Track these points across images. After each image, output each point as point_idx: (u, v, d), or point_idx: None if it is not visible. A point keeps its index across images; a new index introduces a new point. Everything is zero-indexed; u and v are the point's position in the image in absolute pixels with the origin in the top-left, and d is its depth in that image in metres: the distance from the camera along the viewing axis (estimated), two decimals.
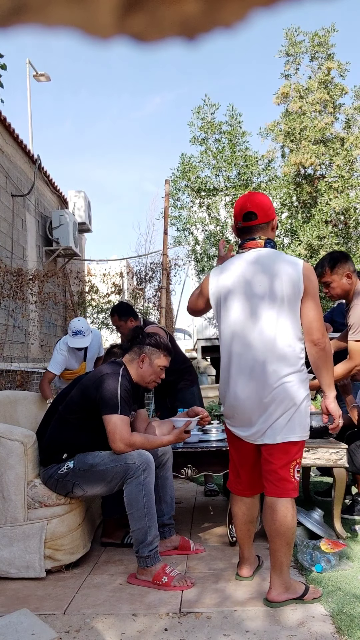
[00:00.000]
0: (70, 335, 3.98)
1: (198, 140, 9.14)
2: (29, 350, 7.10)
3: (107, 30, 0.33)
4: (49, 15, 0.32)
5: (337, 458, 2.85)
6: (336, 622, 1.96)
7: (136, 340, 2.68)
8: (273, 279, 2.09)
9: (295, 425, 2.09)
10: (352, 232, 9.09)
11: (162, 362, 2.65)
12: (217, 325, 2.29)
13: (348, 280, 2.85)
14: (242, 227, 2.24)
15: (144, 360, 2.62)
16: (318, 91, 9.08)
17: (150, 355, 2.63)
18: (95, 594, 2.31)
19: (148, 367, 2.62)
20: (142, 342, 2.66)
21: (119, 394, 2.44)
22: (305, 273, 2.09)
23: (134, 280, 9.98)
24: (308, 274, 2.10)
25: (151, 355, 2.63)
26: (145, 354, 2.62)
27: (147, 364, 2.62)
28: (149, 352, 2.63)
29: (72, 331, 3.97)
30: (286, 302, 2.08)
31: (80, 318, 4.21)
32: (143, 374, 2.62)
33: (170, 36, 0.33)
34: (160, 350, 2.65)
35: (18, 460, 2.51)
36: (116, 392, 2.44)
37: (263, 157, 9.22)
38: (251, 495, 2.33)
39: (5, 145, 6.77)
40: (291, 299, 2.09)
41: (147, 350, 2.63)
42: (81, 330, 3.96)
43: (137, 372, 2.62)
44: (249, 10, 0.32)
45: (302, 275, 2.08)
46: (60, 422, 2.60)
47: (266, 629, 1.94)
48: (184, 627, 1.98)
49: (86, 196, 9.13)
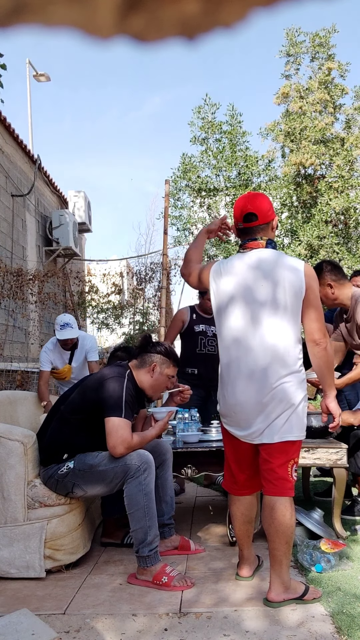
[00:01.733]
0: (57, 329, 4.02)
1: (198, 140, 9.15)
2: (29, 350, 7.10)
3: (107, 30, 0.33)
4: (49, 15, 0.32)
5: (337, 458, 2.85)
6: (336, 622, 1.96)
7: (146, 348, 2.68)
8: (275, 287, 2.11)
9: (293, 425, 2.11)
10: (352, 232, 9.10)
11: (171, 372, 2.65)
12: (216, 326, 2.29)
13: (330, 289, 2.92)
14: (242, 228, 2.24)
15: (154, 369, 2.60)
16: (318, 91, 9.09)
17: (161, 364, 2.62)
18: (95, 594, 2.31)
19: (158, 376, 2.61)
20: (152, 350, 2.65)
21: (124, 398, 2.43)
22: (307, 276, 2.12)
23: (134, 280, 9.99)
24: (309, 277, 2.13)
25: (161, 365, 2.62)
26: (155, 363, 2.61)
27: (157, 373, 2.61)
28: (160, 362, 2.62)
29: (59, 325, 4.01)
30: (289, 309, 2.10)
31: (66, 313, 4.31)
32: (152, 383, 2.61)
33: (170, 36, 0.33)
34: (170, 360, 2.64)
35: (18, 460, 2.51)
36: (121, 396, 2.43)
37: (263, 157, 9.22)
38: (248, 495, 2.33)
39: (5, 145, 6.77)
40: (293, 307, 2.11)
41: (157, 360, 2.62)
42: (68, 323, 4.01)
43: (145, 380, 2.61)
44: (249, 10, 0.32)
45: (303, 280, 2.11)
46: (61, 422, 2.60)
47: (266, 629, 1.94)
48: (183, 627, 1.98)
49: (86, 196, 9.13)
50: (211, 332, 3.92)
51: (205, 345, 3.93)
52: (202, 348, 3.92)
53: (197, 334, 3.92)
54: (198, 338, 3.92)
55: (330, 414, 2.30)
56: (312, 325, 2.13)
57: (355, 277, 4.09)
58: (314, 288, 2.13)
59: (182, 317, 3.99)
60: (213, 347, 3.92)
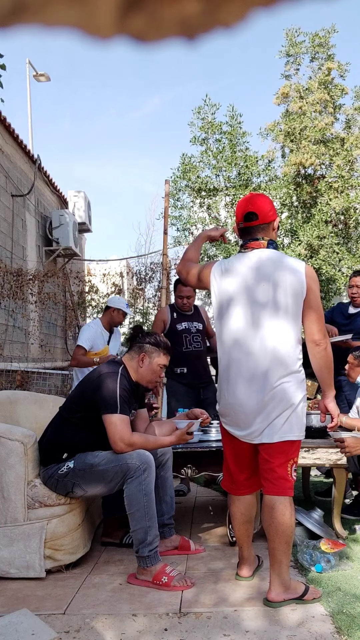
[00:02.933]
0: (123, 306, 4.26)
1: (198, 140, 9.14)
2: (29, 350, 7.10)
3: (107, 30, 0.33)
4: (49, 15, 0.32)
5: (337, 458, 2.85)
6: (336, 622, 1.96)
7: (136, 339, 2.68)
8: (276, 289, 2.12)
9: (292, 424, 2.11)
10: (352, 232, 9.09)
11: (162, 361, 2.65)
12: (216, 327, 2.29)
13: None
14: (243, 228, 2.25)
15: (143, 359, 2.61)
16: (318, 91, 9.08)
17: (150, 354, 2.62)
18: (95, 594, 2.31)
19: (148, 366, 2.62)
20: (141, 340, 2.66)
21: (118, 394, 2.44)
22: (308, 278, 2.13)
23: (134, 280, 9.99)
24: (310, 278, 2.14)
25: (151, 354, 2.62)
26: (145, 352, 2.62)
27: (146, 362, 2.61)
28: (149, 351, 2.62)
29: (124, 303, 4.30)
30: (290, 311, 2.12)
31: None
32: (143, 373, 2.62)
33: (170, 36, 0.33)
34: (160, 349, 2.64)
35: (18, 460, 2.51)
36: (115, 392, 2.44)
37: (263, 157, 9.22)
38: (247, 494, 2.33)
39: (5, 145, 6.77)
40: (294, 308, 2.12)
41: (147, 349, 2.63)
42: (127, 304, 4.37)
43: (136, 372, 2.62)
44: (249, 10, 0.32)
45: (304, 282, 2.12)
46: (60, 421, 2.61)
47: (266, 629, 1.94)
48: (183, 627, 1.98)
49: (86, 196, 9.13)
50: (195, 328, 3.90)
51: (191, 342, 3.90)
52: (188, 346, 3.89)
53: (180, 332, 3.89)
54: (182, 336, 3.89)
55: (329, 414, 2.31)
56: (313, 326, 2.15)
57: (354, 278, 4.08)
58: (315, 289, 2.14)
59: (163, 317, 3.96)
60: (199, 343, 3.91)
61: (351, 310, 4.10)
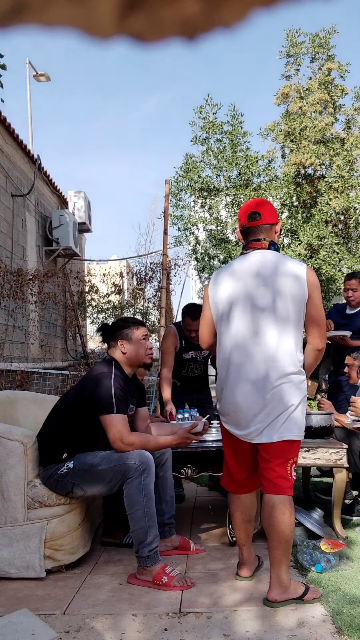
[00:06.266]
0: None
1: (199, 140, 9.14)
2: (29, 350, 7.10)
3: (107, 30, 0.33)
4: (49, 15, 0.32)
5: (337, 458, 2.85)
6: (336, 622, 1.96)
7: (107, 336, 2.70)
8: (277, 294, 2.13)
9: (292, 424, 2.12)
10: (352, 232, 9.09)
11: (140, 332, 2.66)
12: (217, 329, 2.29)
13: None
14: (246, 228, 2.27)
15: (123, 344, 2.63)
16: (318, 92, 9.08)
17: (126, 336, 2.64)
18: (95, 594, 2.31)
19: (130, 346, 2.63)
20: (111, 332, 2.68)
21: (113, 393, 2.44)
22: (309, 284, 2.14)
23: (134, 280, 9.98)
24: (311, 284, 2.15)
25: (127, 336, 2.64)
26: (120, 338, 2.64)
27: (127, 345, 2.63)
28: (123, 335, 2.64)
29: None
30: (291, 317, 2.13)
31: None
32: (130, 355, 2.63)
33: (170, 36, 0.33)
34: (130, 325, 2.66)
35: (18, 460, 2.51)
36: (110, 392, 2.45)
37: (263, 157, 9.21)
38: (246, 493, 2.33)
39: (5, 145, 6.77)
40: (295, 314, 2.13)
41: (120, 335, 2.64)
42: None
43: (125, 358, 2.63)
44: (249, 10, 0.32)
45: (306, 289, 2.13)
46: (60, 422, 2.61)
47: (266, 629, 1.93)
48: (183, 627, 1.98)
49: (86, 196, 9.13)
50: (201, 356, 3.84)
51: (193, 370, 3.88)
52: (188, 372, 3.88)
53: (185, 360, 3.82)
54: (186, 364, 3.85)
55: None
56: (314, 331, 2.19)
57: (349, 281, 4.07)
58: (316, 296, 2.16)
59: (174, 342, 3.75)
60: (200, 368, 3.90)
61: (348, 311, 4.11)
